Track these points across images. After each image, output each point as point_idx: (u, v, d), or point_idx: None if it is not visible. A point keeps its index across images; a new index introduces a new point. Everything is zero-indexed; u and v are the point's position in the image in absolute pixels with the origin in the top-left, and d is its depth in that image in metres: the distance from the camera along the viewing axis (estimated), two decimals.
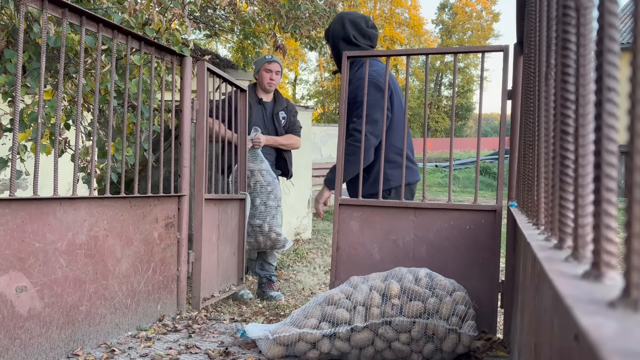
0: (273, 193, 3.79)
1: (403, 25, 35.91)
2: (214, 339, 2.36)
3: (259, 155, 3.81)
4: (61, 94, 2.13)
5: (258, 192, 3.76)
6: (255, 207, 3.78)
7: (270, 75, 3.98)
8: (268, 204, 3.78)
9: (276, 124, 4.01)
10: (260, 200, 3.77)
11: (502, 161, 2.60)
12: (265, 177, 3.77)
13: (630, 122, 0.45)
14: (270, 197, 3.78)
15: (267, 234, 3.77)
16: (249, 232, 3.81)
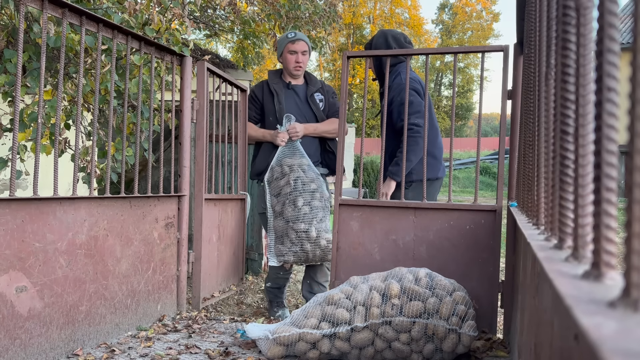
0: (318, 192, 3.20)
1: (403, 25, 35.91)
2: (214, 339, 2.36)
3: (298, 148, 3.25)
4: (61, 94, 2.13)
5: (300, 191, 3.16)
6: (297, 208, 3.15)
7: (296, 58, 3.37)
8: (313, 205, 3.16)
9: (313, 109, 3.39)
10: (303, 200, 3.16)
11: (502, 161, 2.60)
12: (307, 173, 3.20)
13: (630, 122, 0.45)
14: (316, 197, 3.18)
15: (316, 241, 3.13)
16: (293, 239, 3.16)
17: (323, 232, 3.16)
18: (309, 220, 3.14)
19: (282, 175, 3.22)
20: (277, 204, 3.21)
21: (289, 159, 3.23)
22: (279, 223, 3.21)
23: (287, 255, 3.18)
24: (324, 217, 3.21)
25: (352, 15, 33.22)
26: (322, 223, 3.18)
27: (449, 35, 40.33)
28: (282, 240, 3.21)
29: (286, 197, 3.17)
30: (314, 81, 3.51)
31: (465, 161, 21.56)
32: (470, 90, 39.15)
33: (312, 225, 3.13)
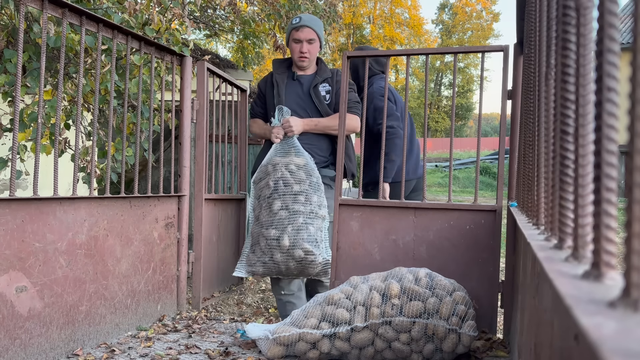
0: (303, 195, 2.75)
1: (403, 25, 35.91)
2: (214, 339, 2.36)
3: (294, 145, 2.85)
4: (61, 94, 2.13)
5: (280, 193, 2.75)
6: (272, 212, 2.74)
7: (301, 47, 2.99)
8: (293, 209, 2.72)
9: (315, 102, 2.99)
10: (281, 203, 2.73)
11: (502, 161, 2.60)
12: (295, 173, 2.79)
13: (630, 122, 0.45)
14: (299, 200, 2.73)
15: (289, 252, 2.68)
16: (263, 247, 2.75)
17: (301, 242, 2.68)
18: (282, 226, 2.70)
19: (265, 175, 2.86)
20: (257, 207, 2.87)
21: (279, 158, 2.85)
22: (255, 229, 2.83)
23: (255, 265, 2.78)
24: (307, 225, 2.72)
25: (352, 15, 33.22)
26: (302, 231, 2.70)
27: (449, 35, 40.34)
28: (254, 248, 2.82)
29: (264, 200, 2.81)
30: (323, 70, 3.09)
31: (465, 161, 21.56)
32: (470, 90, 39.16)
33: (285, 232, 2.68)
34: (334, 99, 3.04)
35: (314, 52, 3.04)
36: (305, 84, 3.05)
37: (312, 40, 3.01)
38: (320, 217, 2.78)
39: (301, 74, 3.08)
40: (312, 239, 2.71)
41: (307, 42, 2.99)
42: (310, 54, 3.02)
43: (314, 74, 3.09)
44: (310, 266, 2.71)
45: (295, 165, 2.81)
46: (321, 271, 2.77)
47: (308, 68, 3.08)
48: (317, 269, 2.74)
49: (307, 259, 2.69)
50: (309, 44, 3.00)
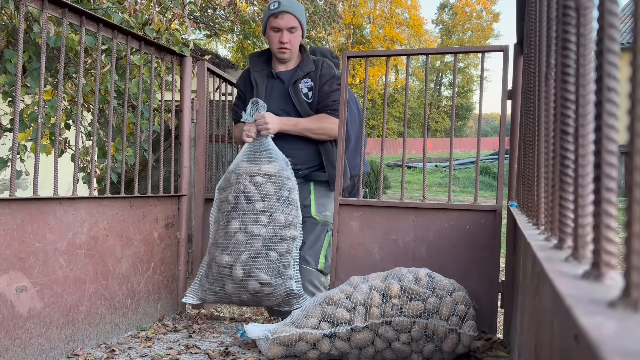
0: (269, 215, 2.33)
1: (403, 25, 35.95)
2: (214, 339, 2.36)
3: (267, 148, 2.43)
4: (61, 94, 2.13)
5: (240, 211, 2.34)
6: (228, 234, 2.35)
7: (280, 37, 2.59)
8: (252, 232, 2.32)
9: (294, 101, 2.60)
10: (239, 224, 2.33)
11: (502, 161, 2.60)
12: (261, 187, 2.36)
13: (630, 122, 0.45)
14: (260, 222, 2.32)
15: (242, 283, 2.32)
16: (215, 274, 2.39)
17: (256, 272, 2.29)
18: (237, 253, 2.32)
19: (227, 184, 2.45)
20: (216, 222, 2.50)
21: (246, 164, 2.41)
22: (211, 249, 2.47)
23: (207, 292, 2.45)
24: (267, 251, 2.33)
25: (352, 15, 33.25)
26: (260, 259, 2.31)
27: (449, 35, 40.36)
28: (207, 272, 2.47)
29: (223, 216, 2.42)
30: (305, 63, 2.66)
31: (465, 161, 21.57)
32: (470, 90, 39.20)
33: (239, 260, 2.30)
34: (316, 97, 2.63)
35: (295, 42, 2.63)
36: (286, 81, 2.65)
37: (294, 29, 2.60)
38: (288, 239, 2.36)
39: (281, 70, 2.69)
40: (272, 267, 2.32)
41: (287, 31, 2.58)
42: (292, 44, 2.61)
43: (295, 68, 2.67)
44: (268, 298, 2.37)
45: (264, 176, 2.39)
46: (283, 302, 2.42)
47: (289, 60, 2.68)
48: (276, 300, 2.39)
49: (262, 291, 2.33)
50: (290, 32, 2.59)
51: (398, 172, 19.11)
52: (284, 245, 2.38)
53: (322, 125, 2.60)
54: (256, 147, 2.47)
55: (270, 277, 2.32)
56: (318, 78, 2.64)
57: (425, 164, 2.54)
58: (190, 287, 2.55)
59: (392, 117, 34.98)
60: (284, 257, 2.38)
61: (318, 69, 2.66)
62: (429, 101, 37.74)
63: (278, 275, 2.35)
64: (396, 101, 33.83)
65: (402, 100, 31.95)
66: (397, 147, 31.95)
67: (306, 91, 2.65)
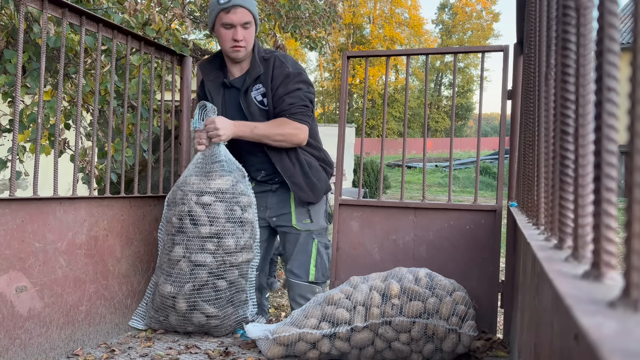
0: (217, 241, 2.10)
1: (403, 25, 35.96)
2: (214, 339, 2.36)
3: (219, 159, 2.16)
4: (61, 95, 2.13)
5: (184, 236, 2.11)
6: (171, 261, 2.13)
7: (234, 34, 2.29)
8: (197, 261, 2.09)
9: (247, 114, 2.33)
10: (183, 251, 2.10)
11: (502, 161, 2.60)
12: (209, 207, 2.10)
13: (630, 122, 0.45)
14: (206, 249, 2.09)
15: (185, 316, 2.15)
16: (158, 304, 2.20)
17: (202, 304, 2.09)
18: (180, 283, 2.10)
19: (173, 201, 2.21)
20: (161, 242, 2.27)
21: (195, 179, 2.13)
22: (156, 273, 2.27)
23: (152, 320, 2.27)
24: (215, 281, 2.11)
25: (352, 15, 33.27)
26: (205, 290, 2.08)
27: (449, 35, 40.37)
28: (152, 298, 2.26)
29: (168, 239, 2.19)
30: (253, 66, 2.34)
31: (465, 161, 21.58)
32: (470, 90, 39.21)
33: (182, 291, 2.08)
34: (271, 103, 2.32)
35: (250, 39, 2.32)
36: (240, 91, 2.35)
37: (248, 24, 2.30)
38: (240, 264, 2.14)
39: (236, 77, 2.39)
40: (221, 297, 2.12)
41: (241, 27, 2.28)
42: (247, 41, 2.31)
43: (244, 75, 2.37)
44: (216, 330, 2.21)
45: (213, 194, 2.11)
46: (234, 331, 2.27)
47: (244, 61, 2.38)
48: (226, 330, 2.25)
49: (209, 324, 2.16)
50: (244, 28, 2.29)
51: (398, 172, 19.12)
52: (234, 272, 2.15)
53: (282, 131, 2.28)
54: (207, 157, 2.17)
55: (217, 309, 2.13)
56: (270, 81, 2.32)
57: (425, 164, 2.54)
58: (137, 309, 2.36)
59: (392, 117, 34.99)
60: (235, 283, 2.16)
61: (269, 70, 2.33)
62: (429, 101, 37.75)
63: (228, 304, 2.16)
64: (396, 101, 33.84)
65: (402, 100, 31.96)
66: (397, 147, 31.96)
67: (260, 98, 2.35)
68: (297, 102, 2.32)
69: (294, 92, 2.32)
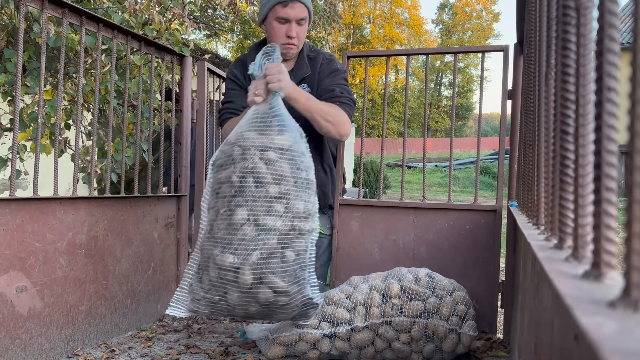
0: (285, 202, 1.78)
1: (403, 25, 35.94)
2: (214, 339, 2.36)
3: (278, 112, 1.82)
4: (61, 94, 2.13)
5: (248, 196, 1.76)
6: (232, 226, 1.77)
7: (288, 30, 2.12)
8: (265, 225, 1.76)
9: None
10: (247, 213, 1.76)
11: (502, 161, 2.60)
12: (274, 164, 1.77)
13: (631, 122, 0.45)
14: (274, 211, 1.76)
15: (250, 291, 1.77)
16: (213, 279, 1.81)
17: (270, 277, 1.75)
18: (245, 251, 1.75)
19: (228, 160, 1.85)
20: (212, 207, 1.90)
21: (253, 134, 1.80)
22: (206, 245, 1.88)
23: (200, 303, 1.88)
24: (283, 250, 1.80)
25: (352, 15, 33.25)
26: (274, 260, 1.77)
27: (449, 35, 40.36)
28: (201, 274, 1.88)
29: (224, 202, 1.83)
30: (299, 67, 2.21)
31: (465, 161, 21.57)
32: (470, 90, 39.19)
33: (248, 262, 1.74)
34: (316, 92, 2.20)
35: (302, 37, 2.18)
36: None
37: (303, 21, 2.14)
38: (305, 232, 1.86)
39: None
40: (289, 270, 1.80)
41: (296, 23, 2.11)
42: (299, 38, 2.15)
43: (291, 72, 2.16)
44: (282, 310, 1.85)
45: (277, 150, 1.80)
46: (299, 314, 1.90)
47: (290, 60, 2.22)
48: (291, 312, 1.87)
49: (277, 302, 1.80)
50: (299, 25, 2.12)
51: (398, 172, 19.11)
52: (302, 241, 1.85)
53: (335, 113, 2.08)
54: (264, 111, 1.84)
55: (287, 283, 1.79)
56: (316, 77, 2.21)
57: (425, 164, 2.54)
58: (176, 294, 1.95)
59: (392, 117, 34.98)
60: (300, 256, 1.86)
61: (316, 68, 2.23)
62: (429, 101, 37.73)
63: (295, 281, 1.82)
64: (396, 101, 33.83)
65: (402, 100, 31.94)
66: (397, 147, 31.94)
67: None
68: (346, 95, 2.17)
69: (343, 85, 2.18)
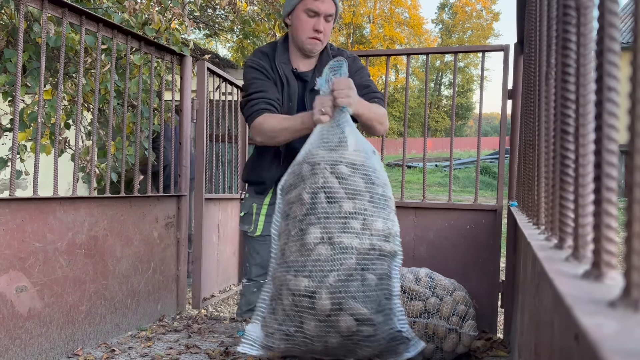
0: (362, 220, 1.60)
1: (403, 25, 35.92)
2: (214, 339, 2.36)
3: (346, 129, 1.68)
4: (61, 94, 2.13)
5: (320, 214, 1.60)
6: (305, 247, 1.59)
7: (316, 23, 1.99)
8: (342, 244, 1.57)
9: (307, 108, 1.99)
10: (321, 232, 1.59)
11: (502, 161, 2.60)
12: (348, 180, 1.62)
13: (631, 122, 0.45)
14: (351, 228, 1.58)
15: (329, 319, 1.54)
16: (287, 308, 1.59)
17: (351, 303, 1.53)
18: (321, 274, 1.55)
19: (298, 180, 1.70)
20: (283, 233, 1.71)
21: (323, 151, 1.67)
22: (278, 271, 1.67)
23: (274, 337, 1.64)
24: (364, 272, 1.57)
25: (352, 15, 33.24)
26: (354, 283, 1.55)
27: (449, 34, 40.34)
28: (274, 305, 1.66)
29: (295, 223, 1.66)
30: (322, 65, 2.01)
31: (465, 161, 21.56)
32: (470, 90, 39.15)
33: (324, 285, 1.54)
34: None
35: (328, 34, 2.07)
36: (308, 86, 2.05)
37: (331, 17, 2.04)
38: (387, 254, 1.64)
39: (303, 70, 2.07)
40: (372, 296, 1.57)
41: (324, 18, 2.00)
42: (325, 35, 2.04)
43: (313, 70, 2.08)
44: (367, 343, 1.58)
45: (348, 165, 1.65)
46: (387, 349, 1.62)
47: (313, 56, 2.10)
48: (379, 346, 1.61)
49: (360, 333, 1.56)
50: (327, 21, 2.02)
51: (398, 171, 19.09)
52: (383, 263, 1.63)
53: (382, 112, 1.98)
54: (332, 128, 1.70)
55: (370, 310, 1.55)
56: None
57: (426, 164, 2.54)
58: (248, 330, 1.69)
59: (392, 116, 34.94)
60: (384, 282, 1.63)
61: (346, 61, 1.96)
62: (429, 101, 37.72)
63: (379, 310, 1.58)
64: (396, 101, 33.82)
65: (402, 99, 31.93)
66: (397, 147, 31.93)
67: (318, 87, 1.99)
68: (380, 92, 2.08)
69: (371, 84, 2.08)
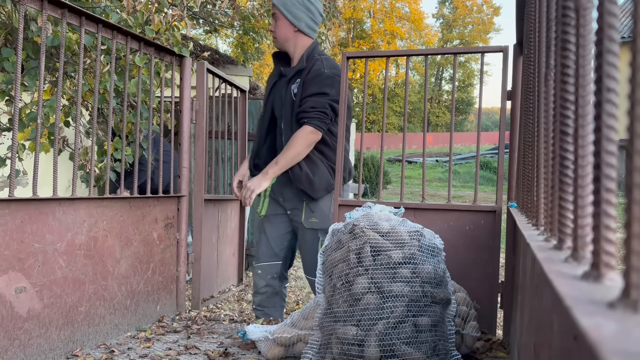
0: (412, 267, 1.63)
1: (403, 20, 35.86)
2: (214, 340, 2.36)
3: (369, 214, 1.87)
4: (60, 94, 2.12)
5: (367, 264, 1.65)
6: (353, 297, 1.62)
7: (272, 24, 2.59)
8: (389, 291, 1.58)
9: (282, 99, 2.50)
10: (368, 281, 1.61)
11: (502, 162, 2.59)
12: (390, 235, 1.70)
13: (630, 123, 0.45)
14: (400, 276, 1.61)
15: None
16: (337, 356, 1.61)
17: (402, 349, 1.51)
18: (370, 321, 1.55)
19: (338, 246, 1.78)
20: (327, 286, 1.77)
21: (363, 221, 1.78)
22: (325, 321, 1.71)
23: None
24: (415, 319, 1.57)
25: (353, 10, 33.19)
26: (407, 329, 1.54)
27: (450, 29, 40.30)
28: (323, 352, 1.69)
29: (340, 278, 1.69)
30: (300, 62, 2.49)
31: (466, 156, 21.55)
32: (471, 85, 39.11)
33: (373, 331, 1.53)
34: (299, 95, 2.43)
35: (279, 32, 2.48)
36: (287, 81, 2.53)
37: (275, 16, 2.50)
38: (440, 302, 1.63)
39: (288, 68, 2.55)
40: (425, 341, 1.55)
41: (273, 18, 2.51)
42: (275, 32, 2.49)
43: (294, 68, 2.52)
44: None
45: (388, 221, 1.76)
46: None
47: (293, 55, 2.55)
48: None
49: None
50: (275, 20, 2.50)
51: (399, 167, 19.11)
52: (436, 309, 1.61)
53: (297, 143, 2.38)
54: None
55: (425, 354, 1.52)
56: (305, 76, 2.46)
57: (425, 161, 2.53)
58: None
59: (393, 111, 34.90)
60: (439, 328, 1.60)
61: (308, 67, 2.47)
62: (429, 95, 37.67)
63: (436, 353, 1.55)
64: (396, 95, 33.76)
65: (403, 94, 31.90)
66: (398, 142, 31.89)
67: (296, 91, 2.47)
68: (318, 107, 2.39)
69: (319, 95, 2.40)
